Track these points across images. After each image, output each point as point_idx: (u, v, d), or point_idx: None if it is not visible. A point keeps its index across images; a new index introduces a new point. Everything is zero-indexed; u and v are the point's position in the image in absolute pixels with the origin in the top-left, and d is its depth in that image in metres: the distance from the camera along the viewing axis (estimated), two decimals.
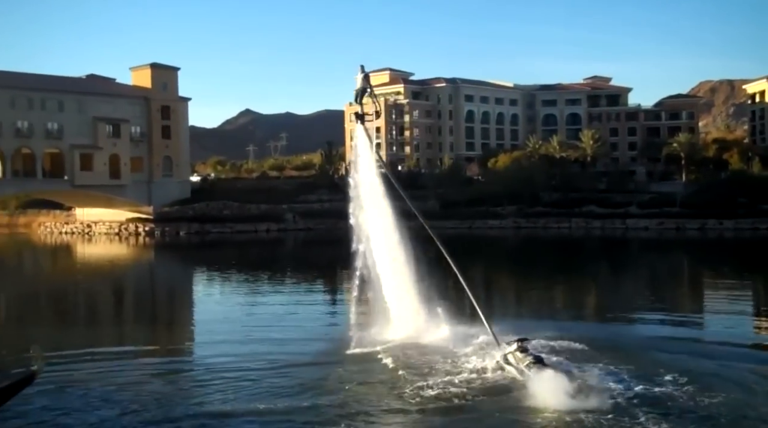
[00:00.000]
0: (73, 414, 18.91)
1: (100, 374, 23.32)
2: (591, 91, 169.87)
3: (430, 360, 23.62)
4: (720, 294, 44.87)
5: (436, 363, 23.12)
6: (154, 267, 73.65)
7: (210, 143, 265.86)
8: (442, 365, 22.93)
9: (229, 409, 19.04)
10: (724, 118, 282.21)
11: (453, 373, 21.87)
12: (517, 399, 19.48)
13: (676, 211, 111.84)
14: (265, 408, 19.00)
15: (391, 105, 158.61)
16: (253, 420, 18.24)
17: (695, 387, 20.07)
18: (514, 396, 19.80)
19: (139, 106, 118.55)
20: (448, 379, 21.13)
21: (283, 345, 27.13)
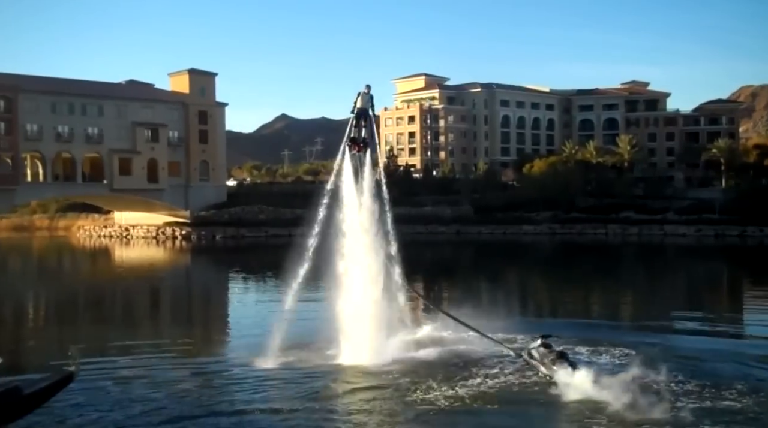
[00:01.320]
0: (104, 412, 19.19)
1: (134, 373, 23.72)
2: (628, 95, 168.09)
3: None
4: (759, 302, 44.08)
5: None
6: (191, 271, 74.40)
7: (246, 148, 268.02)
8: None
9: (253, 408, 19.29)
10: (765, 123, 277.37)
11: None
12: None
13: (715, 217, 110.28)
14: (290, 408, 19.22)
15: (426, 110, 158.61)
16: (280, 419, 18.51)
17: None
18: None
19: (177, 111, 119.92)
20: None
21: (311, 350, 26.75)
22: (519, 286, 55.76)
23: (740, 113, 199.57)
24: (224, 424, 18.35)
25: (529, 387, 21.09)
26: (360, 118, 25.51)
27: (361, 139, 25.45)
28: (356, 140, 25.52)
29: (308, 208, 24.80)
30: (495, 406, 19.15)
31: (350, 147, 25.61)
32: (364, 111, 25.63)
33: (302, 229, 25.40)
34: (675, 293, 51.36)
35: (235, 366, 24.85)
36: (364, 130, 25.52)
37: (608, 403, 18.59)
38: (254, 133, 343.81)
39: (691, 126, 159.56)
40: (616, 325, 35.29)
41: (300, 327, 28.45)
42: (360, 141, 25.46)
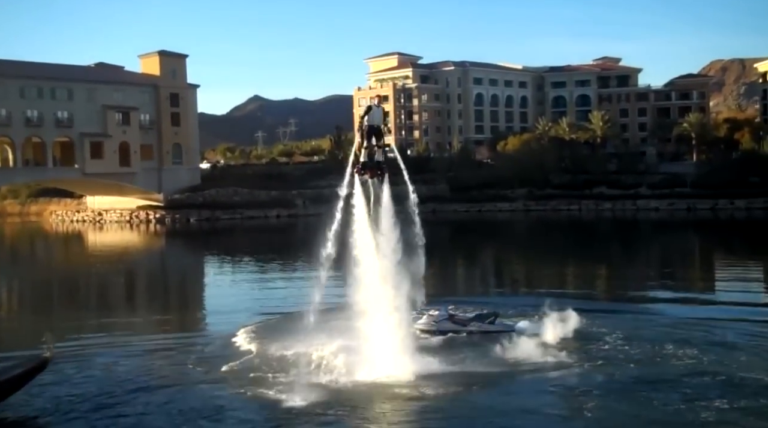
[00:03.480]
0: (80, 394, 19.18)
1: (110, 355, 23.81)
2: (601, 71, 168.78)
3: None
4: (728, 272, 44.81)
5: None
6: (166, 254, 74.02)
7: (219, 130, 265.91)
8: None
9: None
10: (735, 98, 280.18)
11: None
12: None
13: (687, 191, 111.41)
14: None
15: (399, 89, 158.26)
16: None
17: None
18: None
19: (148, 93, 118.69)
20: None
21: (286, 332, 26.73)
22: (493, 263, 56.12)
23: (711, 87, 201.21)
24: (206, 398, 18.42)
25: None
26: (370, 137, 20.76)
27: (374, 163, 20.37)
28: (368, 165, 20.42)
29: (284, 190, 23.72)
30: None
31: (360, 172, 20.46)
32: (376, 129, 20.94)
33: (278, 211, 24.55)
34: (645, 266, 51.99)
35: (210, 344, 24.90)
36: (377, 151, 20.38)
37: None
38: (227, 115, 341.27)
39: (663, 101, 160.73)
40: (586, 296, 35.87)
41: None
42: (374, 166, 20.41)
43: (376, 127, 20.72)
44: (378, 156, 20.37)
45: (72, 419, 17.36)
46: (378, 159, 20.31)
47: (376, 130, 20.76)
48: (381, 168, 20.30)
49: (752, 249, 60.38)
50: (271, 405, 17.97)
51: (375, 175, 20.22)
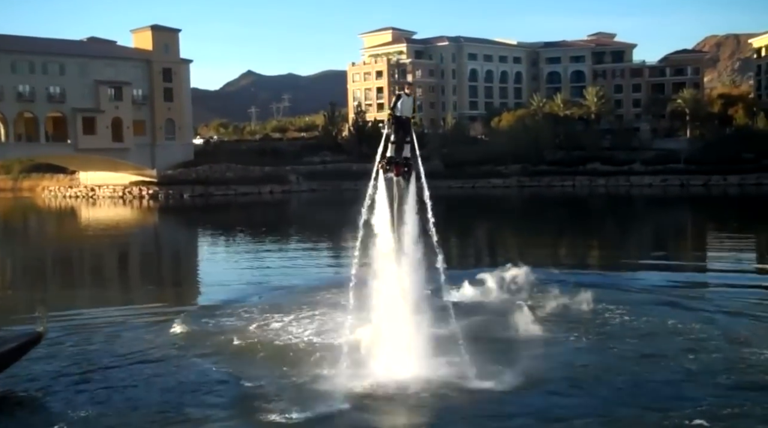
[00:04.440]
0: (70, 369, 19.22)
1: (103, 330, 23.80)
2: (595, 47, 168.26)
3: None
4: (718, 248, 45.05)
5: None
6: (159, 230, 73.95)
7: (212, 105, 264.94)
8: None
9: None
10: (729, 73, 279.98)
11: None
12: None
13: (680, 167, 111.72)
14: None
15: (393, 65, 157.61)
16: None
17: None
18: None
19: (141, 68, 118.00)
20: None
21: (277, 310, 26.35)
22: (486, 238, 56.25)
23: (705, 63, 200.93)
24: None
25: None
26: (399, 130, 18.38)
27: (402, 160, 18.28)
28: (397, 161, 18.22)
29: (277, 166, 23.37)
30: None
31: (385, 169, 18.31)
32: (405, 121, 18.46)
33: (272, 187, 24.20)
34: (636, 241, 52.21)
35: (203, 318, 24.96)
36: (406, 146, 18.34)
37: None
38: (220, 91, 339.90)
39: (657, 77, 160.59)
40: (580, 267, 36.16)
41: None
42: (402, 162, 18.30)
43: (405, 118, 18.34)
44: (406, 151, 18.22)
45: (57, 392, 17.37)
46: (406, 154, 18.19)
47: (405, 122, 18.33)
48: (409, 165, 18.23)
49: (745, 224, 60.66)
50: (259, 380, 17.90)
51: (401, 173, 18.14)
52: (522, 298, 26.06)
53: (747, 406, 15.43)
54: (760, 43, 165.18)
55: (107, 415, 15.77)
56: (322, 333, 22.11)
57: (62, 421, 15.27)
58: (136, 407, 16.26)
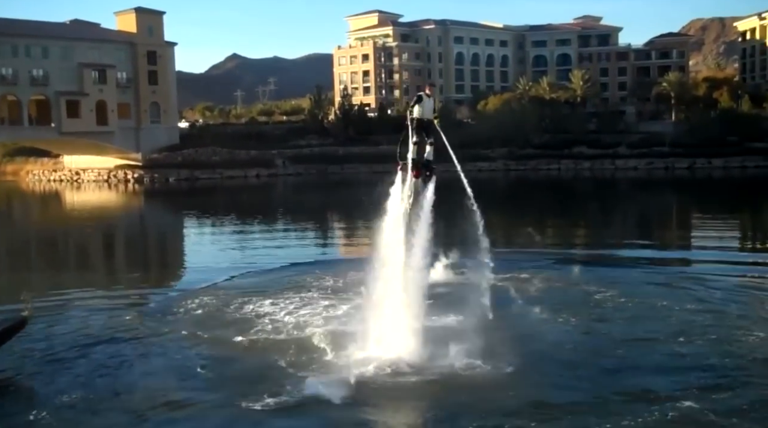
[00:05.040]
0: (51, 351, 19.25)
1: (89, 314, 23.74)
2: (581, 30, 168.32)
3: None
4: (701, 231, 45.41)
5: None
6: (145, 214, 73.69)
7: (197, 89, 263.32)
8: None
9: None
10: (714, 57, 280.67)
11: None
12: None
13: (665, 150, 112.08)
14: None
15: (379, 48, 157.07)
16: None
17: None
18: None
19: (125, 51, 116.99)
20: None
21: (259, 292, 26.38)
22: (472, 221, 56.33)
23: (690, 47, 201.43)
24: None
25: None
26: (422, 132, 17.87)
27: (425, 162, 17.79)
28: (419, 163, 17.73)
29: (263, 149, 23.13)
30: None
31: (404, 170, 17.97)
32: (427, 122, 17.95)
33: (258, 171, 24.05)
34: (622, 224, 52.51)
35: (182, 305, 24.88)
36: (428, 148, 17.74)
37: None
38: (205, 74, 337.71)
39: (643, 60, 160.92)
40: (566, 250, 36.27)
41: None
42: (424, 164, 17.84)
43: (427, 120, 17.78)
44: (428, 154, 17.64)
45: (39, 376, 17.36)
46: (428, 157, 17.56)
47: (426, 123, 17.75)
48: (430, 168, 17.71)
49: (731, 207, 61.11)
50: (240, 363, 17.91)
51: (421, 175, 17.66)
52: (507, 280, 26.14)
53: (736, 387, 15.53)
54: (745, 26, 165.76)
55: (90, 399, 15.76)
56: (305, 316, 22.11)
57: (44, 406, 15.25)
58: (117, 391, 16.26)
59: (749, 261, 33.92)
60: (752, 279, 28.31)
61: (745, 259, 34.52)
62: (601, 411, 14.39)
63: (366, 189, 20.82)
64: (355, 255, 35.58)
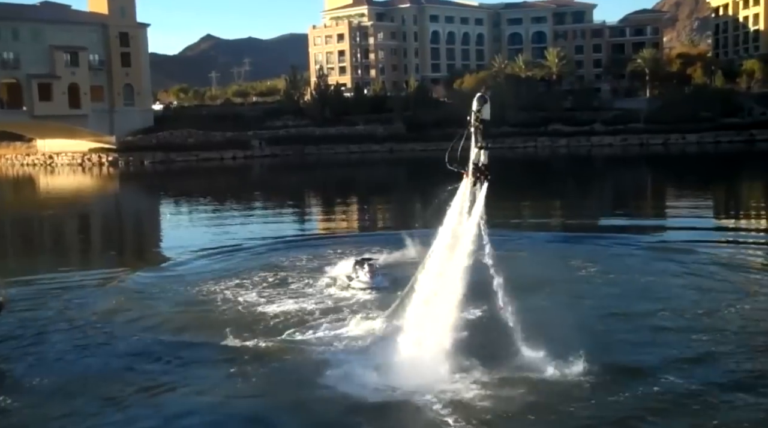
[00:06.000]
0: (25, 336, 19.14)
1: (56, 296, 23.59)
2: (556, 8, 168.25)
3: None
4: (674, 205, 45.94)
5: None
6: (120, 196, 73.18)
7: (171, 70, 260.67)
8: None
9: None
10: (688, 33, 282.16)
11: None
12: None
13: (640, 127, 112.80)
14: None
15: (355, 27, 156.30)
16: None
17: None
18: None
19: (97, 33, 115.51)
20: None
21: (232, 273, 26.30)
22: (449, 200, 56.51)
23: (664, 23, 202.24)
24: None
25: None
26: (486, 135, 17.40)
27: (483, 167, 17.19)
28: (478, 168, 17.10)
29: (239, 131, 22.79)
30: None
31: (465, 173, 17.24)
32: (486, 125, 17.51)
33: (234, 152, 23.70)
34: (599, 200, 52.96)
35: (155, 286, 24.82)
36: (482, 152, 17.11)
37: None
38: (179, 55, 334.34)
39: (617, 37, 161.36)
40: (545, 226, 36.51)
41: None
42: (483, 169, 17.18)
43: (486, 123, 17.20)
44: (483, 158, 17.11)
45: (10, 358, 17.29)
46: (484, 161, 17.04)
47: (486, 126, 17.25)
48: (485, 172, 17.03)
49: (705, 182, 61.79)
50: (214, 346, 17.82)
51: (478, 181, 16.92)
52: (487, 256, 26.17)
53: (716, 361, 15.71)
54: (718, 2, 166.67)
55: (59, 383, 15.67)
56: (277, 297, 22.07)
57: (13, 391, 15.15)
58: (88, 375, 16.17)
59: (730, 234, 34.44)
60: (732, 251, 28.49)
61: (726, 233, 35.05)
62: (587, 386, 14.49)
63: (347, 170, 20.86)
64: (331, 236, 35.70)
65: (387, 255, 27.49)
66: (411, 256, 27.16)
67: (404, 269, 25.06)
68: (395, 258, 27.08)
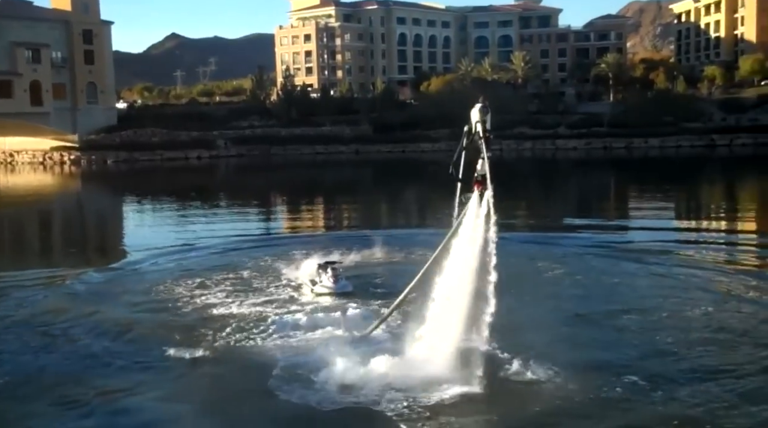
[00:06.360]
0: None
1: (11, 295, 23.09)
2: (522, 12, 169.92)
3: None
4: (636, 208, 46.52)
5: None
6: (82, 195, 72.17)
7: (136, 69, 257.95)
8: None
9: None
10: (651, 38, 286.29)
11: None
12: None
13: (603, 130, 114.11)
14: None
15: (322, 28, 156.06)
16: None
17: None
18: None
19: (60, 30, 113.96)
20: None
21: (193, 273, 25.76)
22: (415, 200, 56.65)
23: (628, 28, 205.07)
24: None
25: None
26: (489, 145, 16.71)
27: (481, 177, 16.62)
28: (484, 178, 16.48)
29: (204, 130, 22.28)
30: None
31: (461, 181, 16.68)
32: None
33: (199, 152, 23.20)
34: (564, 202, 53.42)
35: (113, 285, 24.46)
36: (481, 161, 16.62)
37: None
38: (144, 53, 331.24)
39: (582, 42, 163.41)
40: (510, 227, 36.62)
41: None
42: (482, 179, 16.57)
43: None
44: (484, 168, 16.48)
45: None
46: (483, 172, 16.46)
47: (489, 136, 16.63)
48: (484, 183, 16.40)
49: (666, 184, 62.65)
50: (174, 348, 17.40)
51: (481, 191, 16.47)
52: None
53: (680, 360, 15.79)
54: (681, 8, 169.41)
55: (12, 384, 15.31)
56: (234, 298, 21.63)
57: None
58: (42, 376, 15.77)
59: (693, 236, 34.98)
60: (696, 252, 28.75)
61: (689, 234, 35.55)
62: (550, 386, 14.47)
63: (313, 171, 20.68)
64: (296, 236, 35.56)
65: (354, 254, 27.37)
66: (377, 257, 27.32)
67: (370, 271, 25.21)
68: (361, 258, 27.00)
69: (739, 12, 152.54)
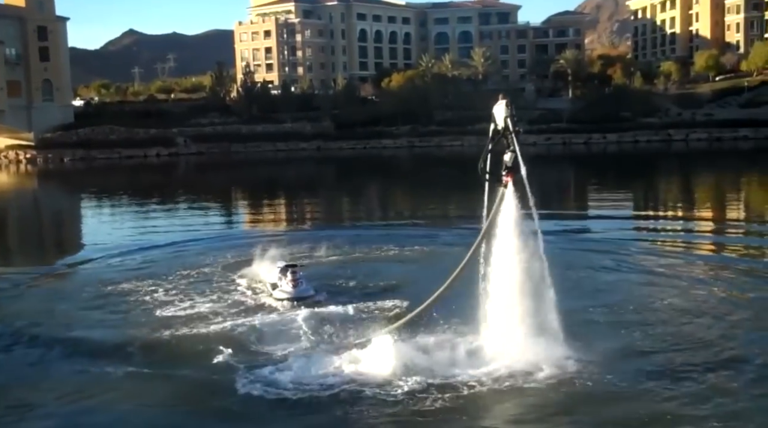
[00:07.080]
0: None
1: None
2: (482, 8, 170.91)
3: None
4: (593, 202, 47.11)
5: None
6: (38, 194, 70.94)
7: (92, 66, 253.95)
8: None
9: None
10: (608, 35, 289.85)
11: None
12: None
13: (563, 126, 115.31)
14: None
15: (282, 24, 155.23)
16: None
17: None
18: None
19: (13, 26, 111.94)
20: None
21: (150, 273, 25.38)
22: (377, 198, 56.71)
23: (586, 25, 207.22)
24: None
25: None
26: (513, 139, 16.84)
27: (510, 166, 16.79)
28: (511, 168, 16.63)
29: (163, 128, 21.84)
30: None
31: (487, 175, 16.60)
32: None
33: (158, 150, 22.77)
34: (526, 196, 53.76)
35: (81, 280, 24.09)
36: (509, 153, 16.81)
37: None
38: (101, 50, 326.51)
39: (541, 38, 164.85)
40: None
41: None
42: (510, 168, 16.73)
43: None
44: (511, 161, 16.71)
45: None
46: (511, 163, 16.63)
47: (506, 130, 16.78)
48: (514, 170, 16.75)
49: (627, 179, 63.54)
50: (130, 351, 17.21)
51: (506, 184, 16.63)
52: (415, 252, 26.37)
53: (645, 354, 15.84)
54: (637, 5, 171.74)
55: None
56: (191, 299, 21.27)
57: None
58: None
59: (654, 227, 35.69)
60: (660, 246, 29.16)
61: (651, 225, 36.25)
62: (514, 381, 14.50)
63: (274, 168, 20.43)
64: (258, 234, 35.37)
65: (317, 253, 27.23)
66: (340, 256, 27.14)
67: (333, 271, 24.93)
68: (325, 257, 26.86)
69: (694, 8, 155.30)
